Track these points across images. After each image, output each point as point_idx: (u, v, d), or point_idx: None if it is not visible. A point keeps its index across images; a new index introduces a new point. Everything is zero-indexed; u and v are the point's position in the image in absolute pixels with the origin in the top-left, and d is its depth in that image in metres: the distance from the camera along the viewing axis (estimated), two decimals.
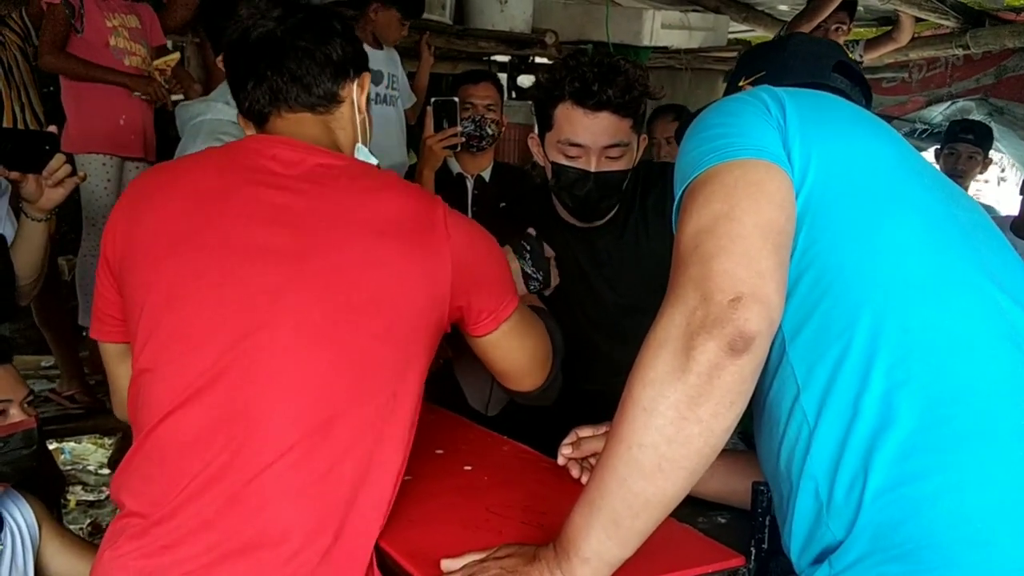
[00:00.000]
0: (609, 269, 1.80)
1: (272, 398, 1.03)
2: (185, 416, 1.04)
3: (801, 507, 0.90)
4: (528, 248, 1.53)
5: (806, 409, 0.89)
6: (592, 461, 1.32)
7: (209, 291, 1.06)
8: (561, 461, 1.32)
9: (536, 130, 1.75)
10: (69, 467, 4.09)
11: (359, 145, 1.27)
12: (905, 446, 0.83)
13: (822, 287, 0.90)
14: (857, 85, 1.21)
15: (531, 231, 1.56)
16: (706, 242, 0.86)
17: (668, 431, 0.83)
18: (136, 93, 3.05)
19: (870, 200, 0.92)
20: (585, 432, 1.31)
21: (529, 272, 1.53)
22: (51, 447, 3.32)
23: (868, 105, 1.20)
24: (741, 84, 1.22)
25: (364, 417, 1.05)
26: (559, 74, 1.66)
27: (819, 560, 0.88)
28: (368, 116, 1.30)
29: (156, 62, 3.10)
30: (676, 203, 0.95)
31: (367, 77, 1.27)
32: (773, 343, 0.87)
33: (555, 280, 1.57)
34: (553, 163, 1.69)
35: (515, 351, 1.27)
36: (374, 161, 1.28)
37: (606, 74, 1.60)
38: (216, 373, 1.04)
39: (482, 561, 0.99)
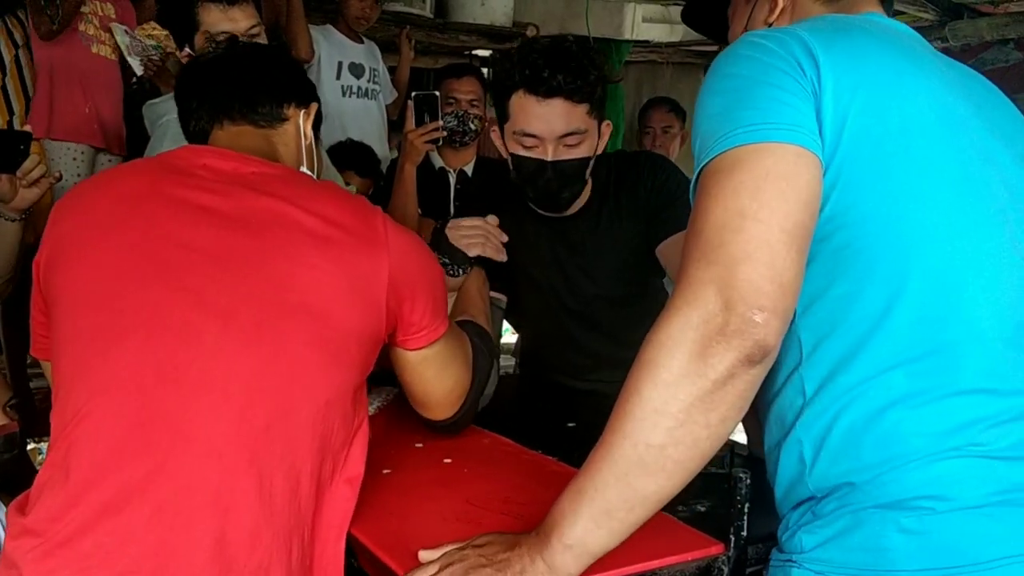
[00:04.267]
0: (585, 259, 1.78)
1: (197, 403, 0.97)
2: (100, 422, 0.96)
3: (785, 461, 0.94)
4: (433, 242, 1.57)
5: (805, 382, 0.91)
6: None
7: (129, 290, 1.01)
8: None
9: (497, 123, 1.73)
10: None
11: (303, 167, 1.26)
12: (898, 431, 0.86)
13: (842, 267, 0.89)
14: None
15: (437, 223, 1.64)
16: (731, 243, 0.83)
17: (677, 433, 0.84)
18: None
19: (902, 174, 0.89)
20: None
21: (445, 263, 1.57)
22: (28, 447, 3.29)
23: None
24: None
25: (296, 426, 1.00)
26: (511, 63, 1.62)
27: (798, 506, 0.94)
28: (317, 149, 1.29)
29: (145, 26, 2.98)
30: (696, 175, 0.91)
31: (315, 107, 1.29)
32: None
33: (474, 253, 1.62)
34: (512, 154, 1.66)
35: (434, 378, 1.25)
36: None
37: (557, 59, 1.56)
38: (132, 375, 0.97)
39: (461, 549, 0.98)
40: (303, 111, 1.27)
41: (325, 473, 1.04)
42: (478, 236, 1.62)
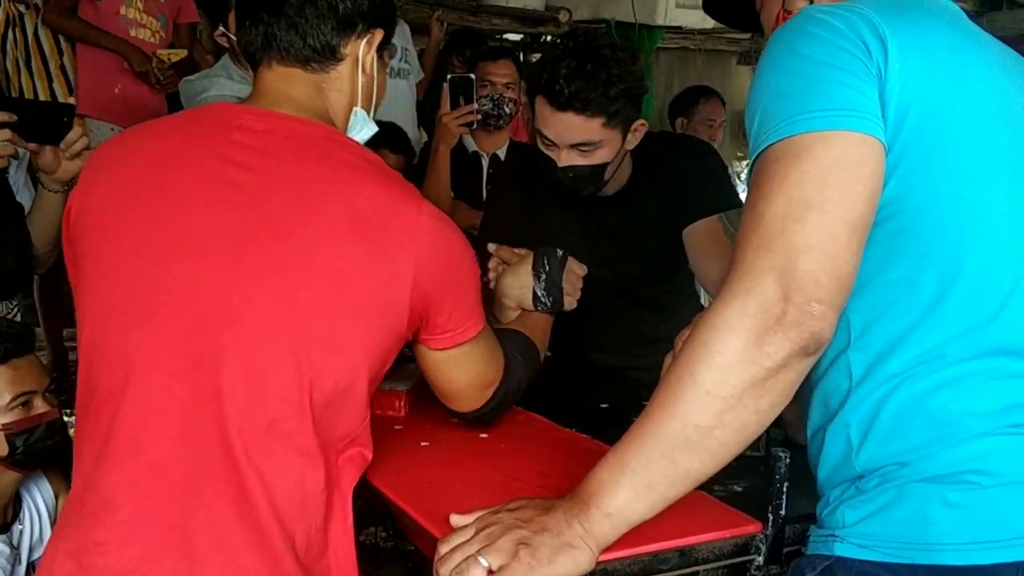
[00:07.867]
0: (619, 240, 1.80)
1: (202, 392, 0.97)
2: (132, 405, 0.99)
3: (831, 444, 0.95)
4: (547, 269, 1.44)
5: (852, 365, 0.92)
6: None
7: (150, 268, 1.00)
8: None
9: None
10: None
11: (356, 109, 1.15)
12: (947, 411, 0.87)
13: (896, 252, 0.89)
14: None
15: (559, 251, 1.47)
16: (793, 232, 0.83)
17: (727, 417, 0.85)
18: (127, 65, 3.07)
19: (962, 162, 0.89)
20: None
21: (539, 294, 1.44)
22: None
23: None
24: None
25: (298, 424, 0.98)
26: (539, 64, 1.63)
27: (842, 482, 0.94)
28: (377, 79, 1.16)
29: (160, 52, 3.11)
30: (755, 156, 0.90)
31: (378, 34, 1.14)
32: None
33: (568, 307, 1.47)
34: (536, 146, 1.68)
35: (458, 375, 1.18)
36: (371, 129, 1.18)
37: (576, 71, 1.53)
38: (147, 357, 0.98)
39: (494, 513, 0.98)
40: (364, 40, 1.12)
41: (329, 479, 1.01)
42: (579, 291, 1.50)
